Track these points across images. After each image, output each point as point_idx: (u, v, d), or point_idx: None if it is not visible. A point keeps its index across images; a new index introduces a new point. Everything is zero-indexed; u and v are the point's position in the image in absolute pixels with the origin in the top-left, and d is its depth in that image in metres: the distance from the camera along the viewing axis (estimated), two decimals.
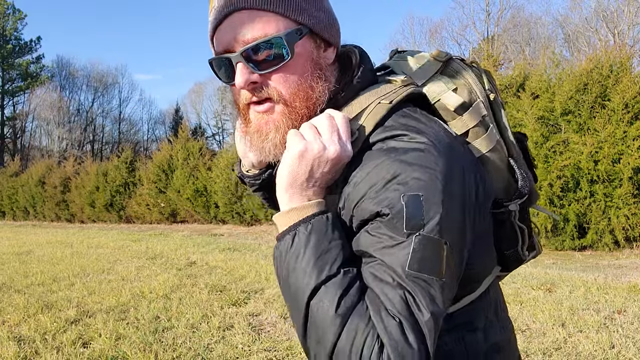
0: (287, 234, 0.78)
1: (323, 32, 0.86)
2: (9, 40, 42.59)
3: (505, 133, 0.95)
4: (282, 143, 0.85)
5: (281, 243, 0.79)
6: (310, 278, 0.74)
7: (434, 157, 0.76)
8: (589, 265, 7.14)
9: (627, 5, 25.41)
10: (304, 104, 0.85)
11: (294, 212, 0.80)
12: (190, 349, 3.82)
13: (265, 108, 0.86)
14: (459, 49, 33.51)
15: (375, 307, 0.71)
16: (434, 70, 0.91)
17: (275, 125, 0.85)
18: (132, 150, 20.35)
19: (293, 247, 0.77)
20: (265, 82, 0.84)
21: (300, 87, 0.84)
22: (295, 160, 0.79)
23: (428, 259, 0.72)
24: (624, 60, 8.87)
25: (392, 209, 0.74)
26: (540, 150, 8.93)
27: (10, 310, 5.05)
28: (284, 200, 0.81)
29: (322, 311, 0.72)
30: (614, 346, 3.59)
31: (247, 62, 0.82)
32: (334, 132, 0.80)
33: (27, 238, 13.27)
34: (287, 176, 0.80)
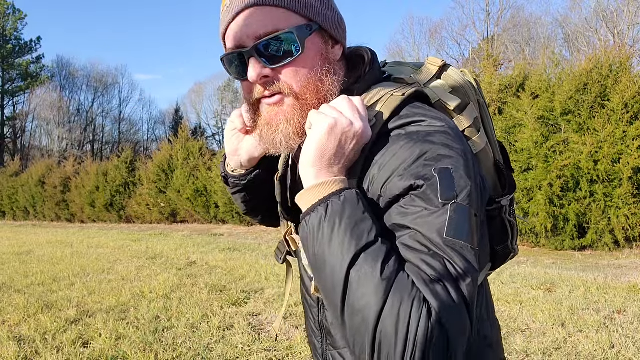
0: (319, 205, 0.76)
1: (331, 29, 0.90)
2: (9, 40, 42.59)
3: (491, 136, 1.01)
4: (295, 134, 0.87)
5: (312, 216, 0.76)
6: (350, 245, 0.71)
7: (453, 139, 0.81)
8: (589, 265, 7.14)
9: (627, 5, 25.42)
10: (314, 97, 0.87)
11: (323, 186, 0.78)
12: (190, 348, 3.82)
13: (276, 100, 0.88)
14: (458, 49, 33.53)
15: (417, 275, 0.70)
16: (432, 75, 0.97)
17: (286, 117, 0.87)
18: (132, 150, 20.36)
19: (327, 217, 0.74)
20: (277, 76, 0.86)
21: (310, 80, 0.87)
22: (324, 135, 0.79)
23: (463, 227, 0.73)
24: (623, 60, 8.87)
25: (426, 180, 0.75)
26: (540, 150, 8.93)
27: (10, 310, 5.05)
28: (310, 175, 0.80)
29: (364, 279, 0.69)
30: (614, 346, 3.59)
31: (259, 56, 0.85)
32: (355, 111, 0.82)
33: (27, 238, 13.28)
34: (316, 150, 0.79)
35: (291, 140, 0.88)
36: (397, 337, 0.66)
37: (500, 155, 1.03)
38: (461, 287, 0.70)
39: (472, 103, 0.96)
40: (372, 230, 0.73)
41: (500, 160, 1.01)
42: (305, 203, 0.79)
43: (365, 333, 0.68)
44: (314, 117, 0.82)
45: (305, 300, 1.09)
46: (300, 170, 0.82)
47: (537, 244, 9.34)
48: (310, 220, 0.76)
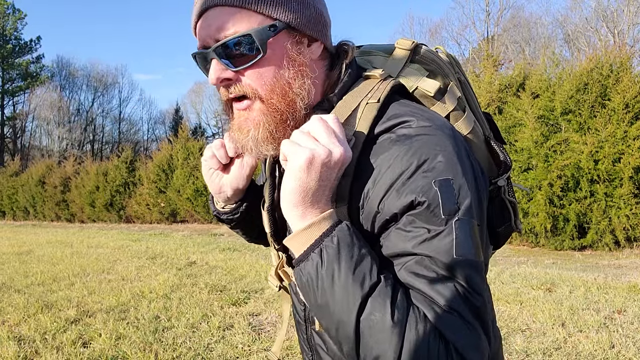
0: (312, 252, 0.72)
1: (304, 27, 0.84)
2: (9, 40, 42.57)
3: (477, 112, 0.95)
4: (264, 140, 0.84)
5: (307, 264, 0.72)
6: (354, 293, 0.68)
7: (446, 139, 0.77)
8: (589, 265, 7.14)
9: (627, 5, 25.41)
10: (282, 100, 0.83)
11: (312, 227, 0.73)
12: (190, 348, 3.82)
13: (244, 106, 0.85)
14: (458, 48, 33.52)
15: (428, 306, 0.69)
16: (404, 60, 0.90)
17: (254, 123, 0.84)
18: (132, 150, 20.35)
19: (325, 265, 0.70)
20: (240, 78, 0.83)
21: (276, 83, 0.82)
22: (303, 172, 0.72)
23: (468, 243, 0.71)
24: (624, 60, 8.87)
25: (427, 196, 0.71)
26: (540, 150, 8.93)
27: (10, 310, 5.05)
28: (295, 217, 0.74)
29: (376, 325, 0.67)
30: (614, 346, 3.59)
31: (220, 58, 0.82)
32: (331, 134, 0.75)
33: (27, 238, 13.27)
34: (297, 190, 0.73)
35: (260, 146, 0.85)
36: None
37: (489, 130, 0.97)
38: (475, 309, 0.69)
39: (452, 82, 0.90)
40: (373, 269, 0.70)
41: (490, 135, 0.96)
42: (296, 249, 0.75)
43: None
44: (287, 149, 0.75)
45: (295, 317, 1.06)
46: (284, 211, 0.76)
47: (537, 244, 9.33)
48: (305, 268, 0.72)
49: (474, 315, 0.69)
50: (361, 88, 0.85)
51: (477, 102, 0.96)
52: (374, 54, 0.94)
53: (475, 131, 0.91)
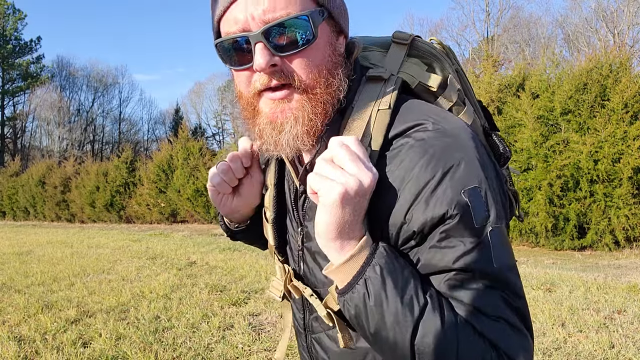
0: (356, 284, 0.71)
1: (339, 17, 0.82)
2: (9, 40, 42.58)
3: (474, 102, 0.94)
4: (305, 133, 0.78)
5: (353, 296, 0.71)
6: (405, 319, 0.68)
7: (465, 142, 0.75)
8: (589, 265, 7.14)
9: (627, 6, 25.42)
10: (325, 91, 0.78)
11: (353, 259, 0.72)
12: (191, 348, 3.82)
13: (283, 95, 0.78)
14: (458, 49, 33.49)
15: (475, 318, 0.70)
16: (402, 55, 0.87)
17: (294, 115, 0.77)
18: (132, 150, 20.36)
19: (372, 295, 0.69)
20: (285, 65, 0.76)
21: (321, 72, 0.78)
22: (337, 207, 0.70)
23: (504, 250, 0.73)
24: (623, 60, 8.87)
25: (459, 208, 0.71)
26: (540, 150, 8.93)
27: (10, 310, 5.05)
28: (333, 251, 0.73)
29: (430, 347, 0.68)
30: (614, 346, 3.59)
31: (267, 42, 0.75)
32: (357, 160, 0.71)
33: (27, 238, 13.27)
34: (333, 225, 0.71)
35: (299, 141, 0.78)
36: None
37: (484, 120, 0.95)
38: (519, 311, 0.72)
39: (451, 75, 0.88)
40: (419, 291, 0.70)
41: (485, 124, 0.94)
42: (339, 280, 0.74)
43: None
44: (317, 184, 0.71)
45: (295, 325, 1.04)
46: (320, 244, 0.74)
47: (537, 244, 9.34)
48: (352, 300, 0.71)
49: (519, 319, 0.71)
50: (369, 93, 0.82)
51: (472, 91, 0.94)
52: (370, 49, 0.90)
53: (476, 123, 0.90)
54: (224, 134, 48.64)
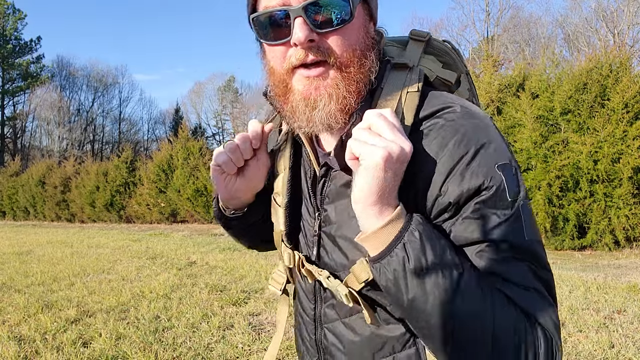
0: (394, 248, 0.71)
1: (372, 3, 0.85)
2: (9, 40, 42.57)
3: (477, 103, 1.00)
4: (339, 111, 0.79)
5: (392, 260, 0.71)
6: (445, 285, 0.69)
7: (491, 125, 0.79)
8: (589, 265, 7.14)
9: (627, 5, 25.41)
10: (358, 71, 0.80)
11: (391, 224, 0.72)
12: (191, 348, 3.82)
13: (318, 72, 0.79)
14: (458, 48, 33.45)
15: (507, 288, 0.73)
16: (420, 51, 0.90)
17: (328, 92, 0.79)
18: (132, 150, 20.36)
19: (412, 259, 0.69)
20: (322, 42, 0.78)
21: (355, 52, 0.80)
22: (381, 170, 0.71)
23: (533, 224, 0.76)
24: (623, 60, 8.87)
25: (494, 180, 0.74)
26: (539, 150, 8.93)
27: (10, 310, 5.05)
28: (372, 216, 0.73)
29: (467, 314, 0.70)
30: (614, 346, 3.60)
31: (307, 17, 0.76)
32: (394, 129, 0.74)
33: (27, 238, 13.27)
34: (375, 189, 0.72)
35: (333, 118, 0.79)
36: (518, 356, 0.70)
37: None
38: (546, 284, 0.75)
39: (463, 74, 0.93)
40: (455, 259, 0.72)
41: None
42: (374, 247, 0.73)
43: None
44: (359, 148, 0.73)
45: (300, 317, 1.02)
46: (358, 210, 0.74)
47: None
48: (390, 265, 0.71)
49: (546, 290, 0.74)
50: (396, 78, 0.85)
51: (477, 95, 1.00)
52: (388, 44, 0.93)
53: None
54: (224, 134, 48.64)
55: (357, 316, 0.88)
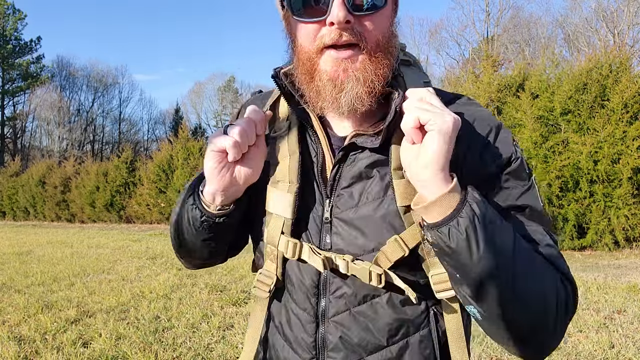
0: (462, 209, 0.73)
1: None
2: (9, 40, 42.56)
3: None
4: (367, 94, 0.80)
5: (461, 219, 0.73)
6: (507, 242, 0.75)
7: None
8: (589, 265, 7.14)
9: (627, 6, 25.42)
10: (385, 57, 0.82)
11: (455, 188, 0.75)
12: (191, 348, 3.82)
13: (348, 55, 0.80)
14: (458, 49, 33.55)
15: (539, 246, 0.82)
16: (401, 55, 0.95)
17: (356, 76, 0.80)
18: (132, 150, 20.35)
19: (479, 216, 0.73)
20: (356, 25, 0.79)
21: (384, 38, 0.82)
22: (451, 136, 0.74)
23: (540, 193, 0.87)
24: (623, 60, 8.87)
25: (518, 152, 0.86)
26: (539, 150, 8.93)
27: (10, 310, 5.05)
28: (440, 180, 0.75)
29: (526, 269, 0.76)
30: (614, 346, 3.60)
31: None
32: (441, 103, 0.79)
33: (27, 238, 13.27)
34: (446, 153, 0.74)
35: (359, 101, 0.80)
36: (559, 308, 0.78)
37: None
38: (557, 244, 0.85)
39: None
40: (503, 219, 0.78)
41: None
42: (441, 210, 0.74)
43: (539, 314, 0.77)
44: (427, 115, 0.75)
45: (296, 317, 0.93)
46: (430, 175, 0.75)
47: None
48: (461, 225, 0.73)
49: (558, 248, 0.85)
50: (408, 70, 0.91)
51: None
52: None
53: None
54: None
55: (369, 304, 0.87)
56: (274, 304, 0.97)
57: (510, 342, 0.80)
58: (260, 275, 0.94)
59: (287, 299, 0.94)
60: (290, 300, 0.93)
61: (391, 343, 0.87)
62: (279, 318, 0.96)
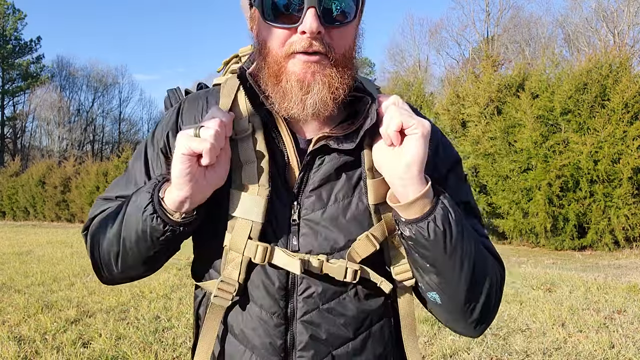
0: (437, 206, 0.81)
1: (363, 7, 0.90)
2: (9, 40, 42.56)
3: None
4: (330, 99, 0.82)
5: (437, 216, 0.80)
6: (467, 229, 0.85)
7: None
8: (589, 265, 7.14)
9: (627, 6, 25.42)
10: (348, 69, 0.85)
11: (429, 189, 0.81)
12: (191, 349, 3.82)
13: (317, 59, 0.81)
14: (459, 49, 33.54)
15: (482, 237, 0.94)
16: None
17: (322, 80, 0.82)
18: (132, 150, 20.35)
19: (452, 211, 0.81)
20: (326, 36, 0.81)
21: (349, 51, 0.85)
22: (428, 139, 0.80)
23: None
24: (623, 60, 8.88)
25: (458, 156, 1.00)
26: (539, 150, 8.93)
27: (10, 310, 5.05)
28: (419, 182, 0.80)
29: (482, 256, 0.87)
30: (614, 346, 3.59)
31: (319, 9, 0.79)
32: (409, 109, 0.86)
33: (27, 238, 13.27)
34: (425, 156, 0.80)
35: (324, 105, 0.82)
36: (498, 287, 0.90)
37: None
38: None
39: None
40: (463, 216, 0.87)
41: None
42: (420, 206, 0.80)
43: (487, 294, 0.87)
44: (409, 120, 0.79)
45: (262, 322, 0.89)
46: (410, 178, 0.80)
47: (537, 244, 9.34)
48: (438, 220, 0.80)
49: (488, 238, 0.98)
50: (362, 77, 0.98)
51: None
52: None
53: None
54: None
55: (337, 300, 0.89)
56: (231, 313, 0.93)
57: (461, 322, 0.89)
58: (220, 284, 0.88)
59: (249, 306, 0.90)
60: (254, 306, 0.90)
61: (357, 335, 0.90)
62: (239, 326, 0.92)
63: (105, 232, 0.92)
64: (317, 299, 0.88)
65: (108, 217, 0.93)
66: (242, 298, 0.91)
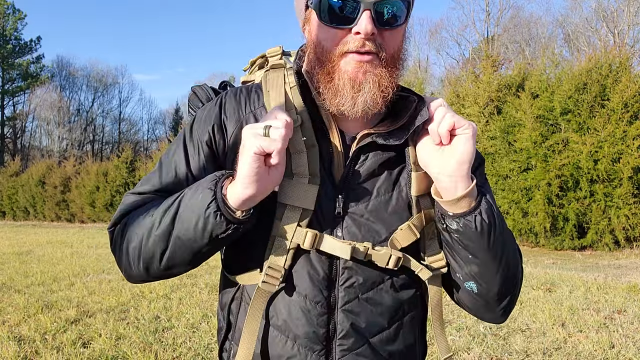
0: (483, 199, 0.87)
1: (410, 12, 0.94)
2: (9, 40, 42.55)
3: None
4: (380, 98, 0.87)
5: (486, 207, 0.87)
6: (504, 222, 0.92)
7: None
8: (589, 265, 7.14)
9: (627, 5, 25.41)
10: (397, 70, 0.90)
11: (474, 187, 0.87)
12: (190, 348, 3.82)
13: (369, 59, 0.86)
14: (459, 48, 33.55)
15: None
16: None
17: (373, 79, 0.86)
18: (132, 150, 20.38)
19: (494, 205, 0.88)
20: (378, 37, 0.86)
21: (397, 52, 0.90)
22: (475, 140, 0.87)
23: None
24: (623, 60, 8.88)
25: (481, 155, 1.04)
26: (539, 150, 8.93)
27: (10, 310, 5.05)
28: (466, 177, 0.86)
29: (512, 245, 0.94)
30: (614, 346, 3.60)
31: (374, 12, 0.84)
32: None
33: (27, 238, 13.27)
34: (473, 155, 0.86)
35: (373, 104, 0.87)
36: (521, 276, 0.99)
37: None
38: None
39: None
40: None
41: None
42: (469, 200, 0.86)
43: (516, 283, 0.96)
44: (460, 120, 0.85)
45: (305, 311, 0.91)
46: (462, 174, 0.86)
47: (537, 244, 9.34)
48: (485, 213, 0.86)
49: None
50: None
51: None
52: None
53: None
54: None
55: (375, 290, 0.93)
56: (271, 306, 0.94)
57: (492, 310, 0.95)
58: (269, 269, 0.90)
59: (293, 296, 0.92)
60: (298, 296, 0.92)
61: (391, 324, 0.95)
62: (281, 317, 0.93)
63: (146, 229, 0.90)
64: (357, 289, 0.92)
65: (148, 214, 0.91)
66: (285, 289, 0.93)
